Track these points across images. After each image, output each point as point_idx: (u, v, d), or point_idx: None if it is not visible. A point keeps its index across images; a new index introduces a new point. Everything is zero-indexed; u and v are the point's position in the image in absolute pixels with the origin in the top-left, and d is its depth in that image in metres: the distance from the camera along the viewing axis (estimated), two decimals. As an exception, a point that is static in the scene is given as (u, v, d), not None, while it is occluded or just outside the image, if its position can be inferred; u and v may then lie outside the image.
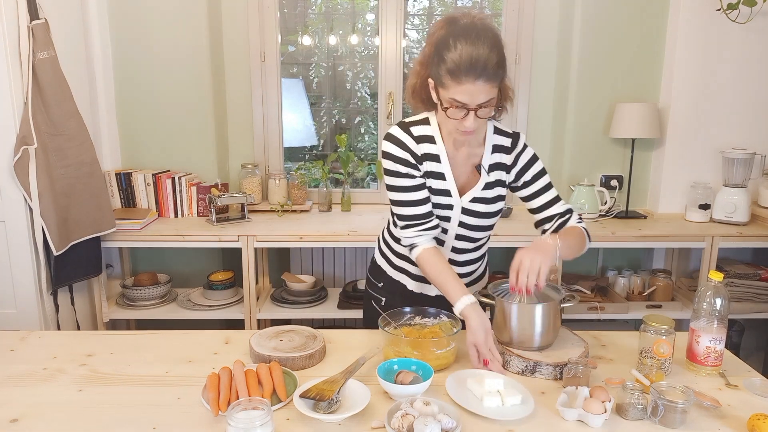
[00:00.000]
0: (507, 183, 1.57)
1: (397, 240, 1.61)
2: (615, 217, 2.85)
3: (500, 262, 3.17)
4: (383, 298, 1.70)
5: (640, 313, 2.64)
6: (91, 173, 2.36)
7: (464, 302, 1.39)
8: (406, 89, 1.52)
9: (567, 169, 2.96)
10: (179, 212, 2.81)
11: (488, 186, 1.52)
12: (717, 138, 2.82)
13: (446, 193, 1.50)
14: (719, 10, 2.63)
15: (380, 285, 1.72)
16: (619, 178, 2.95)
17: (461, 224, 1.54)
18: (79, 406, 1.23)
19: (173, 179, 2.76)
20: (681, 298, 2.82)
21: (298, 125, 3.25)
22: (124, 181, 2.76)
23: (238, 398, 1.18)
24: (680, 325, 2.29)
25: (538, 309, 1.39)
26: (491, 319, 1.47)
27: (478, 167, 1.51)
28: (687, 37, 2.72)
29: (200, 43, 2.78)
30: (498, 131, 1.53)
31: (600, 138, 2.93)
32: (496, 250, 3.13)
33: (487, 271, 1.78)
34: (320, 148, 3.35)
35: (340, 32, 3.13)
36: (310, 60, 3.21)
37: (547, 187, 1.57)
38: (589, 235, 1.55)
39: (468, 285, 1.62)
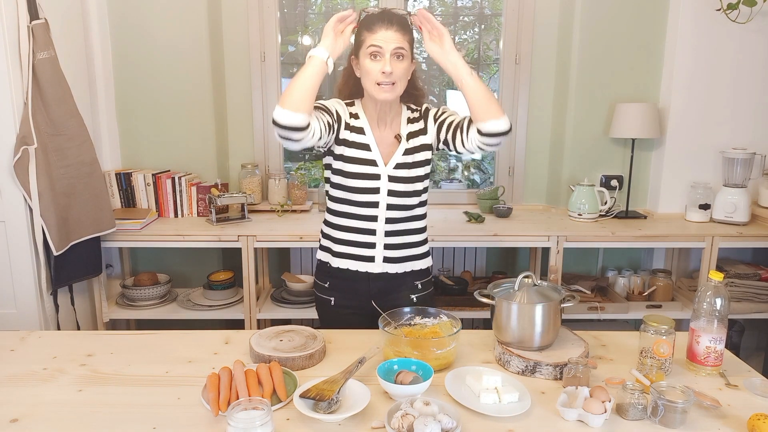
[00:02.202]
0: (433, 143, 1.69)
1: (334, 225, 1.70)
2: (615, 217, 2.85)
3: (500, 261, 3.18)
4: (332, 298, 1.74)
5: (640, 313, 2.64)
6: (91, 173, 2.36)
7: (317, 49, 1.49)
8: (334, 91, 1.72)
9: (567, 169, 2.96)
10: (179, 212, 2.81)
11: (408, 152, 1.66)
12: (717, 138, 2.82)
13: (372, 162, 1.64)
14: (719, 10, 2.63)
15: (327, 285, 1.75)
16: (619, 178, 2.95)
17: (390, 192, 1.65)
18: (79, 406, 1.23)
19: (173, 179, 2.76)
20: (681, 298, 2.82)
21: (298, 125, 3.25)
22: (124, 181, 2.76)
23: (238, 398, 1.19)
24: (680, 325, 2.30)
25: (538, 309, 1.40)
26: (491, 319, 1.48)
27: (398, 137, 1.67)
28: (687, 37, 2.72)
29: (200, 43, 2.78)
30: (409, 108, 1.71)
31: (600, 138, 2.93)
32: (496, 250, 3.14)
33: (431, 257, 1.80)
34: (320, 148, 3.34)
35: (340, 32, 3.13)
36: (310, 60, 3.20)
37: (455, 112, 1.70)
38: (509, 123, 1.55)
39: (408, 260, 1.71)
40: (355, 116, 1.67)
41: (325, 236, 1.76)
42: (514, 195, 3.15)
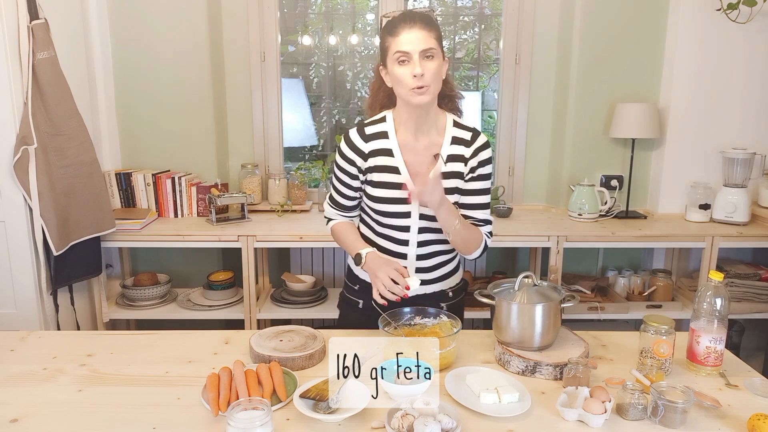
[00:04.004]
0: (463, 175, 1.58)
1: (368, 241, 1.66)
2: (615, 217, 2.85)
3: (500, 261, 3.18)
4: (360, 301, 1.72)
5: (640, 313, 2.64)
6: (91, 173, 2.36)
7: (366, 249, 1.55)
8: (365, 103, 1.65)
9: (567, 169, 2.96)
10: (179, 212, 2.81)
11: (445, 176, 1.54)
12: (717, 138, 2.82)
13: (400, 186, 1.54)
14: (719, 10, 2.63)
15: (356, 288, 1.72)
16: (619, 178, 2.94)
17: (422, 216, 1.57)
18: (79, 406, 1.23)
19: (173, 179, 2.76)
20: (681, 298, 2.82)
21: (298, 125, 3.25)
22: (124, 181, 2.76)
23: (238, 398, 1.19)
24: (680, 325, 2.30)
25: (538, 309, 1.40)
26: (491, 319, 1.48)
27: (437, 156, 1.56)
28: (687, 37, 2.72)
29: (200, 43, 2.78)
30: (457, 124, 1.59)
31: (600, 138, 2.93)
32: (496, 250, 3.14)
33: (461, 267, 1.76)
34: (320, 148, 3.35)
35: (340, 32, 3.13)
36: (310, 60, 3.21)
37: (485, 192, 1.62)
38: (485, 247, 1.62)
39: (441, 279, 1.67)
40: (382, 135, 1.56)
41: None
42: (514, 195, 3.15)
